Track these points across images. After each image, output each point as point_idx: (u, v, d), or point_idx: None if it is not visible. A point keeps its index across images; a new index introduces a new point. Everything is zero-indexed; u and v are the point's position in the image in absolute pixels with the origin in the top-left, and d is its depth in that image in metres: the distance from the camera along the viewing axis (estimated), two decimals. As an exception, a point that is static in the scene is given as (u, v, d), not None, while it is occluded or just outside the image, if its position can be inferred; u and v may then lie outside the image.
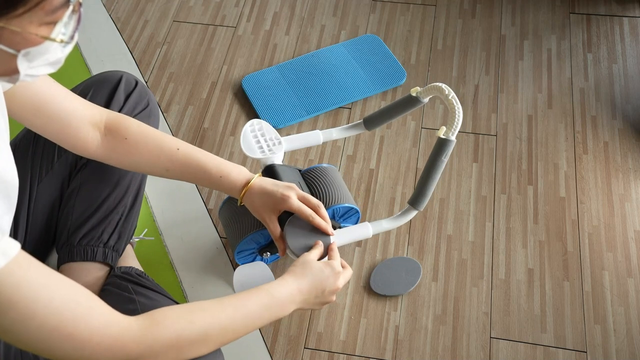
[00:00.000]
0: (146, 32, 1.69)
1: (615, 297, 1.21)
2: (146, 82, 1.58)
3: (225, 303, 0.80)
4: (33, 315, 0.63)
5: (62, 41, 0.60)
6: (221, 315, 0.78)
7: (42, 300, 0.63)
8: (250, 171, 1.41)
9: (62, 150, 1.04)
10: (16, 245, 0.62)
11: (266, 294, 0.85)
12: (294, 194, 0.99)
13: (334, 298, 0.96)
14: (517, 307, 1.20)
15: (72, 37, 0.62)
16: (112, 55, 1.63)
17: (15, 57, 0.59)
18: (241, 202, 1.02)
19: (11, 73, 0.61)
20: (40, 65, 0.62)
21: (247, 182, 1.00)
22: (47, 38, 0.59)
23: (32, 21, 0.57)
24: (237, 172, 1.01)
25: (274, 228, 1.01)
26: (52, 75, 0.88)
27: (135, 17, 1.73)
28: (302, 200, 1.00)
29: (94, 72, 1.59)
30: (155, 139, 0.97)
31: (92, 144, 0.94)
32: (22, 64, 0.59)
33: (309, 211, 0.99)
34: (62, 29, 0.60)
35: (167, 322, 0.73)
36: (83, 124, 0.91)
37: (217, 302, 0.80)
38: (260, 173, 1.07)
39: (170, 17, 1.72)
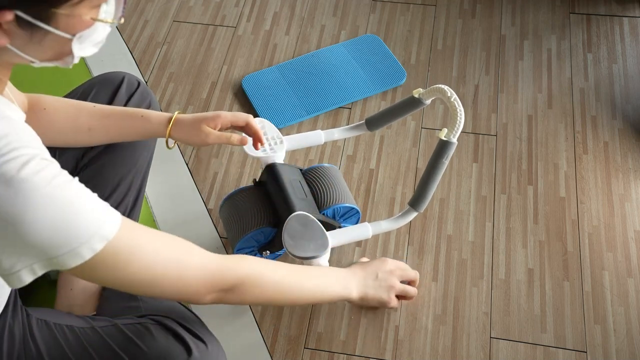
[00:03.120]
0: (146, 32, 1.69)
1: (615, 297, 1.21)
2: (146, 82, 1.58)
3: (301, 267, 0.96)
4: (147, 266, 0.73)
5: (110, 21, 0.68)
6: (297, 271, 0.94)
7: (151, 253, 0.73)
8: (252, 171, 1.41)
9: (62, 151, 1.04)
10: (118, 214, 0.70)
11: (329, 269, 1.02)
12: (223, 112, 1.03)
13: (396, 283, 1.11)
14: (517, 307, 1.20)
15: (119, 18, 0.70)
16: (112, 55, 1.63)
17: (70, 41, 0.66)
18: (169, 136, 1.01)
19: (64, 56, 0.68)
20: (88, 46, 0.69)
21: (171, 117, 1.01)
22: (98, 20, 0.66)
23: (86, 5, 0.64)
24: (156, 112, 1.02)
25: (212, 130, 1.01)
26: (53, 73, 0.88)
27: (135, 17, 1.73)
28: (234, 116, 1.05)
29: (94, 72, 1.59)
30: (73, 102, 0.99)
31: None
32: (75, 47, 0.67)
33: (244, 115, 1.04)
34: (106, 8, 0.67)
35: (253, 262, 0.87)
36: None
37: (293, 265, 0.95)
38: (178, 111, 1.07)
39: (170, 17, 1.72)
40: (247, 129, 1.06)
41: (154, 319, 0.89)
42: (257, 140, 1.08)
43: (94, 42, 0.69)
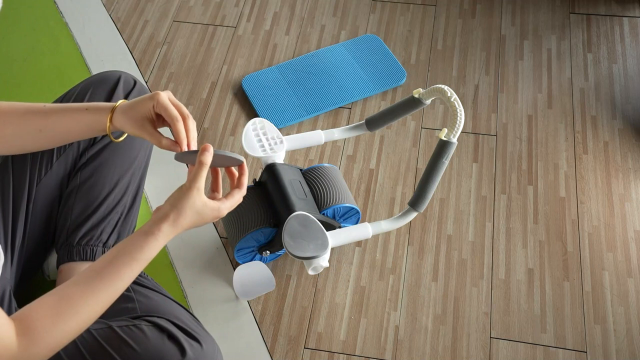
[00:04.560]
0: (146, 32, 1.69)
1: (615, 297, 1.21)
2: (146, 82, 1.58)
3: (98, 289, 0.78)
4: None
5: None
6: (96, 307, 0.78)
7: None
8: (252, 171, 1.41)
9: (61, 150, 1.04)
10: None
11: (137, 263, 0.81)
12: (163, 93, 0.88)
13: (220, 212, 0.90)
14: (517, 307, 1.20)
15: None
16: (112, 55, 1.63)
17: None
18: (110, 122, 0.89)
19: None
20: None
21: (114, 107, 0.90)
22: None
23: None
24: (103, 102, 0.92)
25: (157, 137, 0.88)
26: (53, 73, 0.87)
27: (135, 17, 1.73)
28: (174, 104, 0.88)
29: (94, 72, 1.59)
30: (23, 104, 0.91)
31: None
32: None
33: (175, 112, 0.86)
34: None
35: (44, 341, 0.73)
36: None
37: (90, 292, 0.77)
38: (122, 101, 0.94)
39: (170, 17, 1.72)
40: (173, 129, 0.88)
41: (149, 320, 0.89)
42: (177, 144, 0.89)
43: None
